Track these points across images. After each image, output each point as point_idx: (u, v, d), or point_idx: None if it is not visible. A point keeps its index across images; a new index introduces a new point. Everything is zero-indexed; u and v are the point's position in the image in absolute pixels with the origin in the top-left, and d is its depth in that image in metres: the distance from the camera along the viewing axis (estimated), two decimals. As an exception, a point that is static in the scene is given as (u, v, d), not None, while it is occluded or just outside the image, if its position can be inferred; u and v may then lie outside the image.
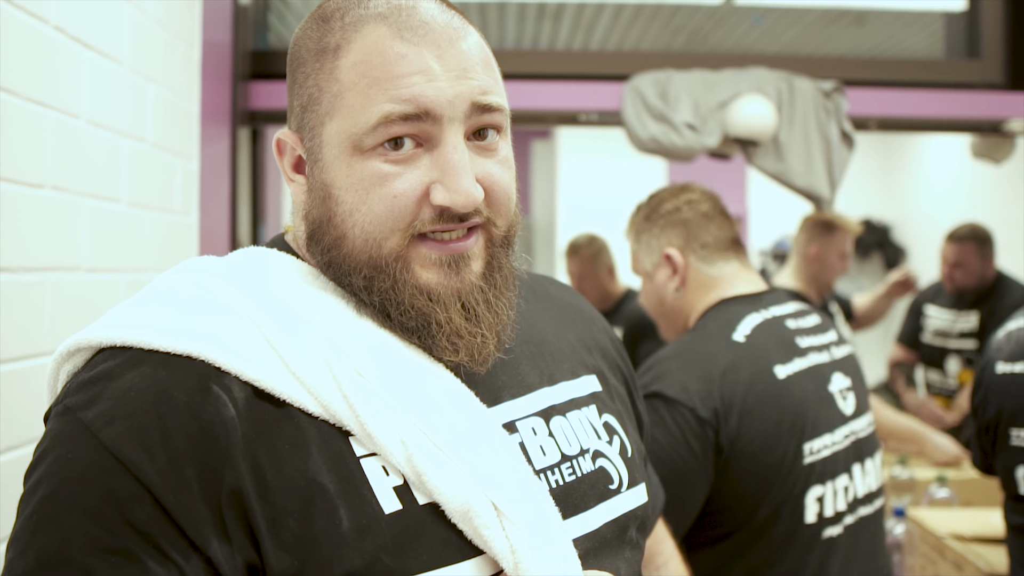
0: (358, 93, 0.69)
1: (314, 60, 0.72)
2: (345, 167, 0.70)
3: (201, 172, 1.99)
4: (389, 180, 0.69)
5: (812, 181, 2.31)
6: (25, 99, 1.30)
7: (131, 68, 1.65)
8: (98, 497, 0.60)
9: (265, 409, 0.65)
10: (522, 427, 0.74)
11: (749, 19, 2.63)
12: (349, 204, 0.70)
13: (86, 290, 1.49)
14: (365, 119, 0.68)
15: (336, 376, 0.66)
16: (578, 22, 2.60)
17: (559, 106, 2.38)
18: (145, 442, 0.61)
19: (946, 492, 2.22)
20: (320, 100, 0.71)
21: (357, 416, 0.65)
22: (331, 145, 0.70)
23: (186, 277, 0.72)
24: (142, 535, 0.60)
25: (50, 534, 0.60)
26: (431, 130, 0.69)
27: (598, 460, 0.78)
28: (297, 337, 0.67)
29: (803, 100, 2.32)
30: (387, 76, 0.68)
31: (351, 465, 0.65)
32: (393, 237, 0.69)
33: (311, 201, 0.73)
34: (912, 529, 1.99)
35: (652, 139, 2.27)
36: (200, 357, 0.65)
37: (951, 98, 2.43)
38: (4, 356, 1.26)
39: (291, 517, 0.62)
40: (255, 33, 2.36)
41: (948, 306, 3.13)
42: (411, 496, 0.65)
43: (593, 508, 0.75)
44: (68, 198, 1.43)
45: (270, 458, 0.63)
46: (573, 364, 0.84)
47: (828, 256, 2.78)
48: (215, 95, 2.07)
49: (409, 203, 0.69)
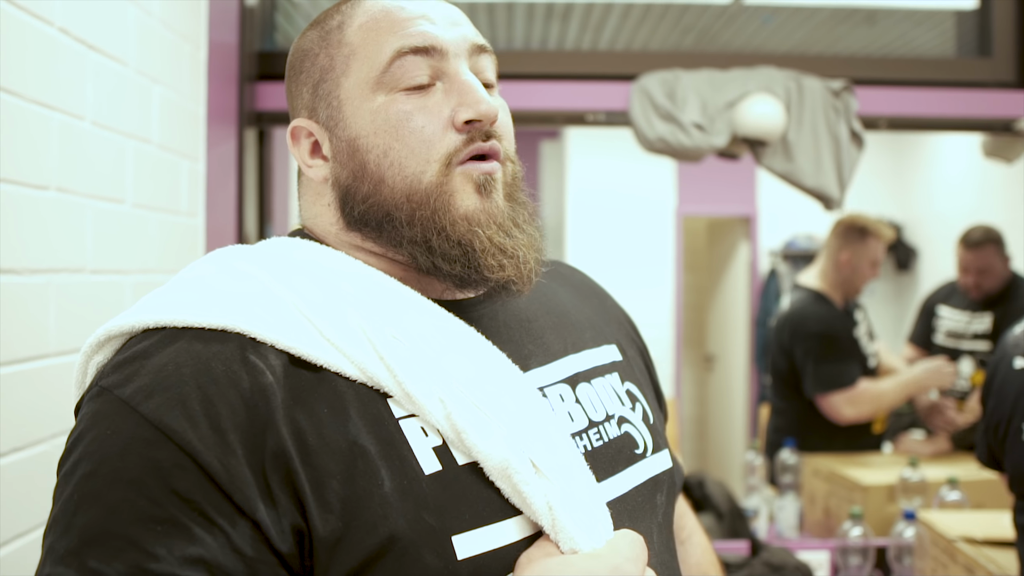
0: (369, 43, 0.74)
1: (320, 43, 0.77)
2: (369, 113, 0.73)
3: (207, 173, 1.99)
4: (413, 115, 0.73)
5: (821, 181, 2.29)
6: (30, 101, 1.30)
7: (136, 69, 1.65)
8: (141, 468, 0.60)
9: (302, 375, 0.65)
10: (550, 393, 0.76)
11: (758, 19, 2.61)
12: (381, 146, 0.73)
13: (92, 291, 1.49)
14: (380, 59, 0.73)
15: (372, 340, 0.67)
16: (586, 22, 2.59)
17: (566, 106, 2.36)
18: (187, 411, 0.61)
19: (957, 495, 2.20)
20: (333, 67, 0.75)
21: (395, 376, 0.66)
22: (351, 98, 0.74)
23: (213, 264, 0.73)
24: (187, 502, 0.60)
25: (93, 511, 0.60)
26: (439, 65, 0.74)
27: (623, 426, 0.80)
28: (330, 306, 0.68)
29: (812, 99, 2.30)
30: (394, 23, 0.74)
31: (390, 427, 0.66)
32: (431, 167, 0.72)
33: (338, 166, 0.76)
34: (922, 532, 1.98)
35: (660, 139, 2.26)
36: (235, 329, 0.65)
37: (962, 97, 2.40)
38: (9, 357, 1.26)
39: (334, 479, 0.62)
40: (262, 34, 2.36)
41: (962, 307, 3.10)
42: (450, 456, 0.66)
43: (621, 472, 0.77)
44: (73, 200, 1.43)
45: (310, 422, 0.64)
46: (593, 334, 0.86)
47: (859, 263, 2.75)
48: (221, 96, 2.07)
49: (438, 130, 0.73)
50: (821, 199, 2.35)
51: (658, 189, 5.54)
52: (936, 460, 2.60)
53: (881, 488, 2.32)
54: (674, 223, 5.58)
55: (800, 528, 2.45)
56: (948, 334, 3.12)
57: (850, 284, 2.77)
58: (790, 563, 2.00)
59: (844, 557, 2.13)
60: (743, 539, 2.19)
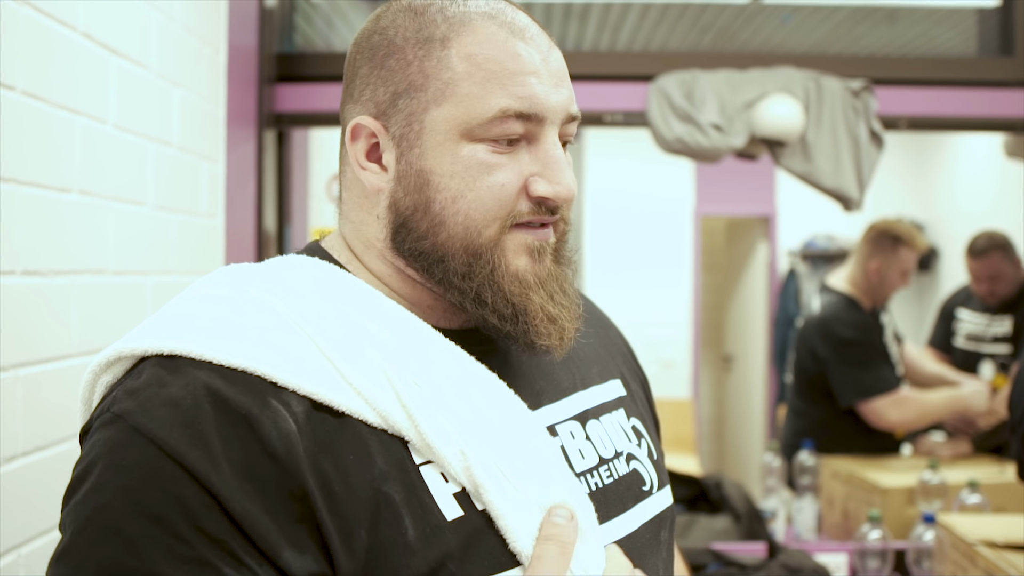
0: (474, 83, 0.70)
1: (416, 47, 0.72)
2: (450, 154, 0.71)
3: (227, 175, 2.01)
4: (495, 170, 0.71)
5: (840, 182, 2.28)
6: (55, 105, 1.32)
7: (157, 73, 1.66)
8: (166, 505, 0.59)
9: (325, 421, 0.64)
10: (561, 431, 0.76)
11: (777, 18, 2.60)
12: (453, 191, 0.71)
13: (113, 293, 1.51)
14: (482, 110, 0.70)
15: (395, 386, 0.66)
16: (604, 22, 2.59)
17: (584, 107, 2.35)
18: (209, 452, 0.60)
19: (977, 498, 2.18)
20: (426, 87, 0.71)
21: (417, 426, 0.66)
22: (436, 131, 0.71)
23: (225, 287, 0.70)
24: (216, 543, 0.59)
25: (111, 544, 0.58)
26: (534, 129, 0.72)
27: (631, 463, 0.80)
28: (352, 347, 0.67)
29: (831, 99, 2.29)
30: (505, 71, 0.70)
31: (412, 474, 0.66)
32: (493, 225, 0.71)
33: (401, 190, 0.73)
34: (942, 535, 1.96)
35: (678, 140, 2.25)
36: (255, 372, 0.64)
37: (983, 96, 2.38)
38: (33, 358, 1.28)
39: (361, 528, 0.62)
40: (281, 36, 2.37)
41: (981, 310, 3.07)
42: (470, 502, 0.66)
43: (631, 510, 0.77)
44: (95, 202, 1.45)
45: (336, 470, 0.63)
46: (600, 369, 0.86)
47: (888, 272, 2.71)
48: (241, 98, 2.08)
49: (512, 192, 0.71)
50: (840, 200, 2.33)
51: (676, 189, 5.53)
52: (956, 463, 2.58)
53: (900, 491, 2.31)
54: (692, 223, 5.56)
55: (818, 530, 2.44)
56: (968, 337, 3.09)
57: (878, 292, 2.73)
58: (808, 565, 2.00)
59: (862, 560, 2.12)
60: (760, 541, 2.18)
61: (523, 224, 0.73)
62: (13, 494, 1.23)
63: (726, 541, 2.20)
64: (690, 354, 5.56)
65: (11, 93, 1.22)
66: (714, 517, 2.32)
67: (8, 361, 1.22)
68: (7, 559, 1.22)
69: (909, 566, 2.14)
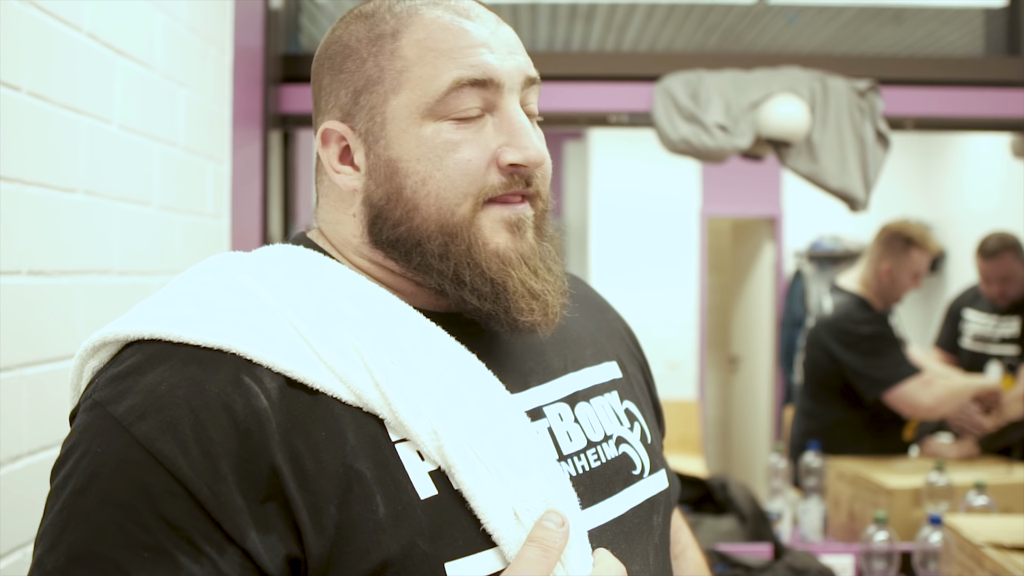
0: (425, 64, 0.71)
1: (369, 46, 0.74)
2: (414, 138, 0.72)
3: (232, 175, 2.01)
4: (460, 146, 0.71)
5: (846, 182, 2.27)
6: (59, 105, 1.32)
7: (163, 73, 1.67)
8: (131, 492, 0.60)
9: (299, 398, 0.65)
10: (549, 413, 0.76)
11: (783, 18, 2.59)
12: (421, 173, 0.71)
13: (118, 293, 1.51)
14: (436, 87, 0.71)
15: (368, 365, 0.67)
16: (610, 23, 2.58)
17: (590, 107, 2.36)
18: (178, 436, 0.61)
19: (984, 499, 2.17)
20: (382, 79, 0.73)
21: (390, 405, 0.66)
22: (397, 119, 0.72)
23: (212, 273, 0.72)
24: (174, 529, 0.60)
25: (81, 529, 0.60)
26: (493, 98, 0.72)
27: (621, 446, 0.80)
28: (327, 327, 0.68)
29: (837, 100, 2.28)
30: (454, 47, 0.72)
31: (386, 451, 0.66)
32: (466, 202, 0.71)
33: (373, 183, 0.74)
34: (949, 537, 1.95)
35: (683, 140, 2.25)
36: (230, 350, 0.65)
37: (990, 97, 2.37)
38: (37, 358, 1.28)
39: (331, 504, 0.63)
40: (286, 36, 2.38)
41: (988, 311, 3.06)
42: (446, 481, 0.66)
43: (618, 494, 0.76)
44: (100, 202, 1.45)
45: (307, 446, 0.63)
46: (594, 351, 0.86)
47: (900, 275, 2.70)
48: (246, 99, 2.09)
49: (480, 166, 0.71)
50: (846, 200, 2.33)
51: (682, 189, 5.52)
52: (963, 464, 2.57)
53: (907, 492, 2.30)
54: (698, 224, 5.56)
55: (824, 532, 2.43)
56: (975, 338, 3.08)
57: (889, 293, 2.73)
58: (813, 567, 1.99)
59: (868, 561, 2.11)
60: (766, 542, 2.17)
61: (498, 200, 0.73)
62: (18, 493, 1.23)
63: (731, 542, 2.20)
64: (696, 355, 5.55)
65: (16, 93, 1.22)
66: (720, 518, 2.32)
67: (13, 361, 1.22)
68: (13, 557, 1.23)
69: (915, 567, 2.14)
